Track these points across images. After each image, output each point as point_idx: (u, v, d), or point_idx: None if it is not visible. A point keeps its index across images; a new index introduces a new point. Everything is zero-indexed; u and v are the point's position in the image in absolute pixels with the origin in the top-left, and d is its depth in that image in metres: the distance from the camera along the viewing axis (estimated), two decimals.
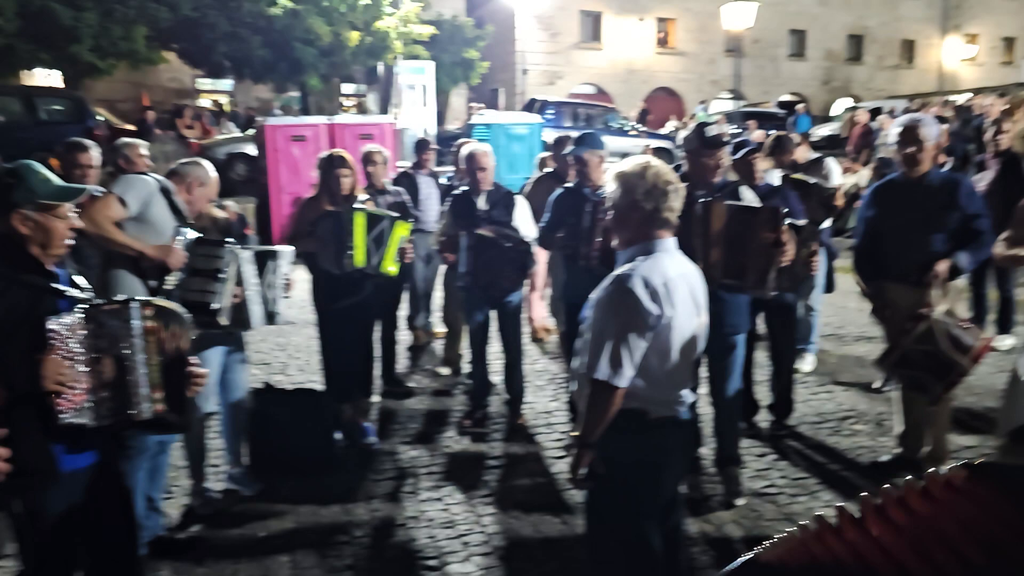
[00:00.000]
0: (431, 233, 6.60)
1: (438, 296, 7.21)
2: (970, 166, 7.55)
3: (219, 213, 4.35)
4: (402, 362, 6.74)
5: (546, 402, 5.86)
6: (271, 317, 4.21)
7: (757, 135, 13.57)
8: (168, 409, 2.42)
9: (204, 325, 3.66)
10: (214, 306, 3.79)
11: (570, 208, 4.80)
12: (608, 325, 2.60)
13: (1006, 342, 6.78)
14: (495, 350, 5.54)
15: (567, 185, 5.14)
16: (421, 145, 7.47)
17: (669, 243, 2.72)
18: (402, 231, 4.88)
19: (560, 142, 6.65)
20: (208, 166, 4.16)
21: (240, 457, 4.51)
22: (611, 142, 13.25)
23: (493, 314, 5.37)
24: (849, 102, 30.58)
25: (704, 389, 4.38)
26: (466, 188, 5.36)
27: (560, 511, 4.18)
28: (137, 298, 2.48)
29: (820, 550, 0.87)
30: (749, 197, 4.14)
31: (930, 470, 0.85)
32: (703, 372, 4.30)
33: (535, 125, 15.44)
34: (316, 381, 5.81)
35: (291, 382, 6.29)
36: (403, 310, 6.87)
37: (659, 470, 2.73)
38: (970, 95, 19.19)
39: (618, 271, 2.66)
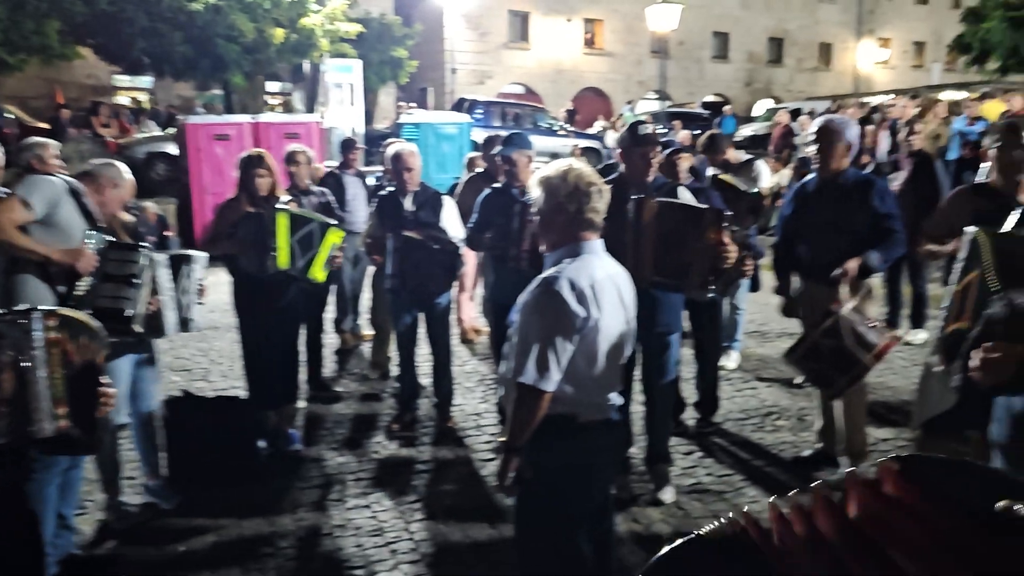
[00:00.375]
0: (358, 234, 6.49)
1: (366, 298, 7.11)
2: (884, 166, 7.80)
3: (127, 217, 4.17)
4: (329, 366, 6.62)
5: (476, 404, 5.82)
6: (185, 324, 4.08)
7: (683, 136, 13.76)
8: (73, 425, 2.29)
9: (117, 333, 3.50)
10: (128, 313, 3.65)
11: (498, 209, 4.77)
12: (534, 328, 2.58)
13: (919, 336, 7.02)
14: (424, 352, 5.48)
15: (495, 185, 5.11)
16: (347, 144, 7.36)
17: (595, 245, 2.71)
18: (334, 238, 4.79)
19: (490, 142, 6.63)
20: (122, 167, 4.00)
21: (158, 468, 4.35)
22: (540, 142, 13.30)
23: (421, 316, 5.30)
24: (770, 103, 31.36)
25: (637, 387, 4.40)
26: (393, 189, 5.28)
27: (490, 515, 4.14)
28: (40, 307, 2.35)
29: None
30: (687, 197, 4.15)
31: (870, 464, 0.84)
32: (637, 371, 4.32)
33: (464, 124, 15.38)
34: (240, 387, 5.65)
35: (213, 389, 6.12)
36: (330, 313, 6.75)
37: (588, 474, 2.72)
38: (889, 96, 19.84)
39: (544, 274, 2.64)
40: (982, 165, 5.41)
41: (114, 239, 3.78)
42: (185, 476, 4.44)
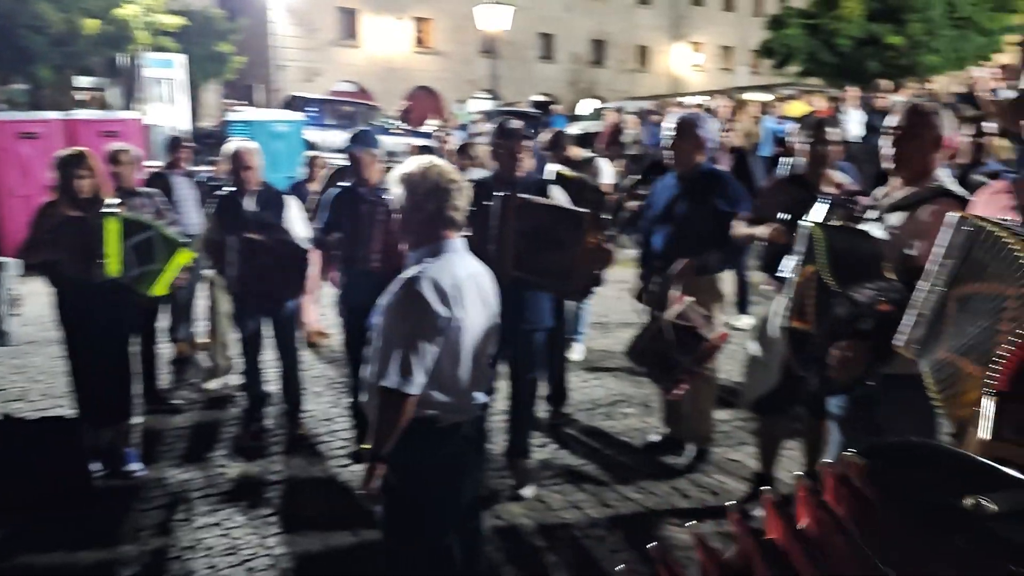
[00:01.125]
0: (191, 237, 6.15)
1: (200, 304, 6.76)
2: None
3: None
4: (164, 377, 6.24)
5: (326, 408, 5.67)
6: (1, 337, 3.72)
7: None
8: None
9: None
10: None
11: (346, 209, 4.66)
12: (397, 331, 2.53)
13: (744, 321, 7.48)
14: (269, 358, 5.27)
15: (343, 184, 4.98)
16: (175, 143, 6.98)
17: (457, 243, 2.69)
18: (183, 259, 4.54)
19: None
20: None
21: None
22: None
23: (266, 321, 5.09)
24: (595, 103, 32.44)
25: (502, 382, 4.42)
26: (232, 189, 5.04)
27: (351, 523, 4.02)
28: None
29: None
30: (559, 196, 4.18)
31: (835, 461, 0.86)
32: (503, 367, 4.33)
33: (297, 123, 14.97)
34: (64, 406, 5.22)
35: (34, 409, 5.62)
36: (162, 321, 6.36)
37: (456, 477, 2.70)
38: (707, 98, 20.98)
39: (406, 274, 2.59)
40: (782, 159, 5.85)
41: None
42: (8, 506, 4.05)
